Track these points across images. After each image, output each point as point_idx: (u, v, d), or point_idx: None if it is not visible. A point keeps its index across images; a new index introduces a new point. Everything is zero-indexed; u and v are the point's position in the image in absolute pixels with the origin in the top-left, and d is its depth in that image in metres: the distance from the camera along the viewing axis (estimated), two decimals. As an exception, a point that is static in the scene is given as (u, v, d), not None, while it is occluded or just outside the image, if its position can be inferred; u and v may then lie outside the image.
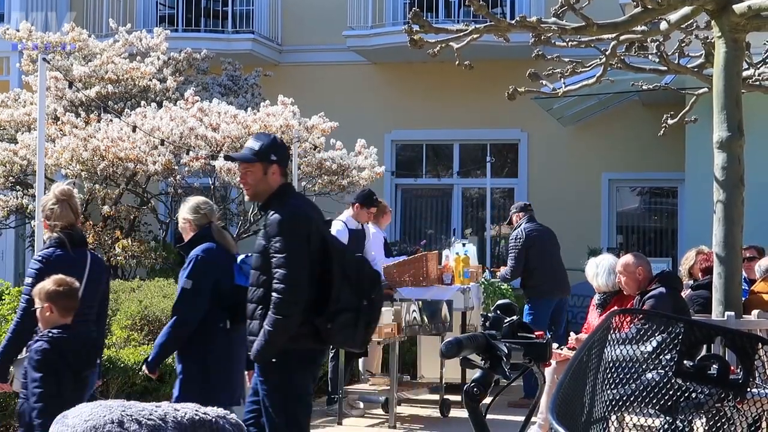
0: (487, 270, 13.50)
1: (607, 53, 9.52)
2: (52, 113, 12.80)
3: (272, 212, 5.94)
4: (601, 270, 8.86)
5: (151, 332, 9.64)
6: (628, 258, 8.64)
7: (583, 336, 8.89)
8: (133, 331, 9.46)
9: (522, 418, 3.74)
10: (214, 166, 12.44)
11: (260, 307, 5.83)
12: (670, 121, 11.60)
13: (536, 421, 8.02)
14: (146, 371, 6.84)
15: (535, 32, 8.29)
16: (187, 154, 12.53)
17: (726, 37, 7.89)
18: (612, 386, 1.88)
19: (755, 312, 8.34)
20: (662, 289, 8.33)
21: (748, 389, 1.85)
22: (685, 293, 9.82)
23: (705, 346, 1.93)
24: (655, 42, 9.62)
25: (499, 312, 3.48)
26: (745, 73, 9.09)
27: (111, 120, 12.94)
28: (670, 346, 1.89)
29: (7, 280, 12.81)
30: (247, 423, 6.13)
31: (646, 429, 2.10)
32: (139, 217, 13.93)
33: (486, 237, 17.70)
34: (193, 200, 7.12)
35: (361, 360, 10.74)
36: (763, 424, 2.06)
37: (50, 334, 5.86)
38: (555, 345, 8.34)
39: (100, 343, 6.90)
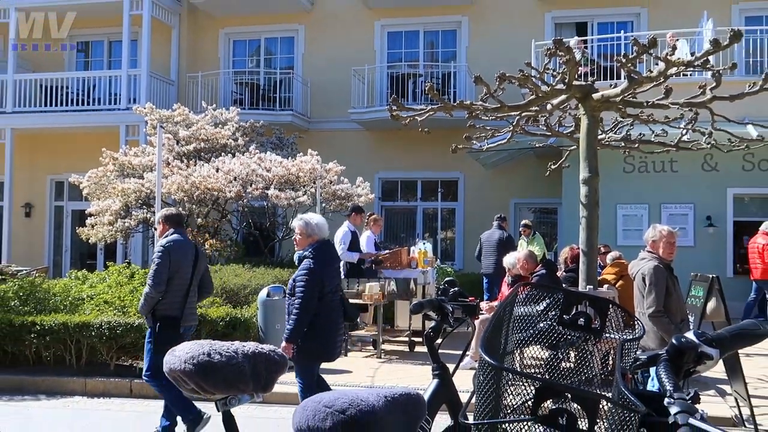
0: (437, 259, 13.54)
1: (513, 124, 9.54)
2: (166, 160, 12.80)
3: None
4: (512, 261, 9.05)
5: (228, 299, 9.61)
6: (519, 255, 8.96)
7: (495, 304, 9.04)
8: (216, 298, 9.44)
9: (460, 352, 3.73)
10: (267, 193, 12.45)
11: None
12: (552, 167, 11.65)
13: (469, 354, 8.03)
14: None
15: (468, 110, 8.31)
16: (251, 186, 12.53)
17: (588, 114, 7.93)
18: (518, 332, 1.86)
19: (605, 286, 8.40)
20: (543, 271, 8.82)
21: (603, 334, 1.83)
22: (560, 274, 9.92)
23: (576, 307, 1.92)
24: (544, 117, 9.66)
25: (446, 285, 3.49)
26: (600, 137, 9.14)
27: (203, 164, 12.94)
28: (554, 306, 1.88)
29: (135, 264, 12.80)
30: None
31: (538, 359, 2.08)
32: (220, 226, 13.89)
33: (438, 239, 17.80)
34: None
35: (359, 314, 10.73)
36: (611, 355, 2.04)
37: None
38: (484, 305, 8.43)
39: None
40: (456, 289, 3.43)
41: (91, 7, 17.97)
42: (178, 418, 5.98)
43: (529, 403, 1.40)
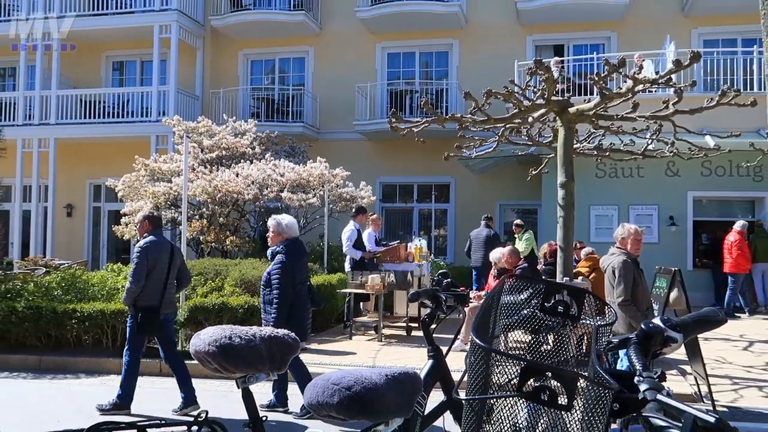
0: (431, 254, 13.53)
1: (499, 134, 9.54)
2: (191, 166, 12.79)
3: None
4: (497, 256, 9.00)
5: (246, 289, 9.59)
6: (504, 251, 8.88)
7: (483, 293, 9.00)
8: (236, 288, 9.43)
9: (452, 336, 3.72)
10: (281, 196, 12.43)
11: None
12: (533, 172, 11.65)
13: (459, 338, 8.03)
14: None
15: (459, 123, 8.31)
16: (266, 189, 12.51)
17: (564, 126, 7.93)
18: (504, 317, 1.85)
19: (580, 278, 8.39)
20: (525, 265, 8.71)
21: (580, 320, 1.83)
22: (540, 267, 9.91)
23: (555, 295, 1.91)
24: (526, 128, 9.65)
25: (440, 276, 3.47)
26: (575, 146, 9.13)
27: (224, 170, 12.94)
28: (536, 295, 1.87)
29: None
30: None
31: (521, 342, 2.08)
32: (240, 224, 13.88)
33: (432, 236, 17.77)
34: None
35: (361, 303, 10.71)
36: (584, 339, 2.03)
37: None
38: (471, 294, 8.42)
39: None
40: (448, 280, 3.42)
41: (125, 31, 18.01)
42: (194, 388, 6.04)
43: (515, 381, 1.40)
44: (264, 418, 2.52)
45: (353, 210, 11.21)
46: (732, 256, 12.25)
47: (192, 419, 2.40)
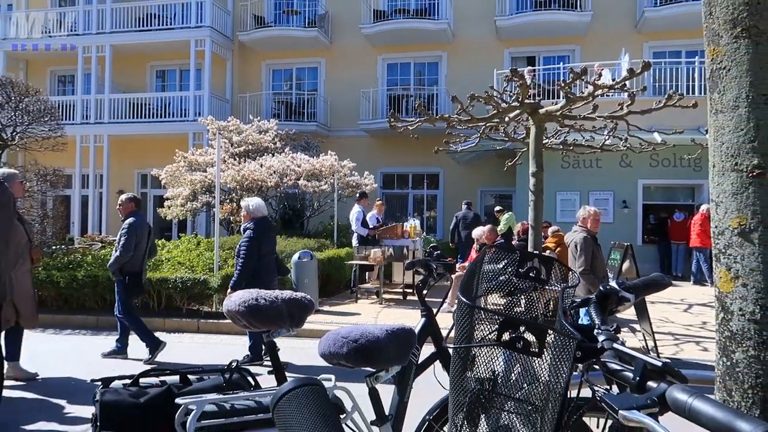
0: (424, 231, 13.51)
1: (480, 132, 9.49)
2: (223, 158, 12.73)
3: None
4: (479, 233, 8.96)
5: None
6: (484, 229, 8.84)
7: (466, 264, 8.98)
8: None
9: (441, 300, 3.73)
10: (298, 183, 12.39)
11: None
12: (509, 163, 11.60)
13: (446, 301, 8.05)
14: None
15: (447, 122, 8.27)
16: (286, 177, 12.47)
17: (536, 125, 7.89)
18: (484, 282, 1.85)
19: (547, 252, 8.38)
20: (502, 240, 8.60)
21: (548, 284, 1.83)
22: (514, 243, 9.89)
23: (528, 263, 1.91)
24: (503, 126, 9.61)
25: (431, 249, 3.48)
26: (544, 141, 9.09)
27: (250, 162, 12.87)
28: (512, 263, 1.87)
29: (200, 235, 12.73)
30: None
31: (499, 303, 2.07)
32: (263, 207, 13.82)
33: (424, 217, 17.75)
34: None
35: (366, 272, 10.71)
36: (550, 302, 2.04)
37: None
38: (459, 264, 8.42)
39: None
40: (438, 252, 3.43)
41: (166, 44, 17.87)
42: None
43: (494, 333, 1.40)
44: (285, 366, 2.54)
45: (357, 195, 11.19)
46: (694, 233, 12.19)
47: (224, 366, 2.41)
